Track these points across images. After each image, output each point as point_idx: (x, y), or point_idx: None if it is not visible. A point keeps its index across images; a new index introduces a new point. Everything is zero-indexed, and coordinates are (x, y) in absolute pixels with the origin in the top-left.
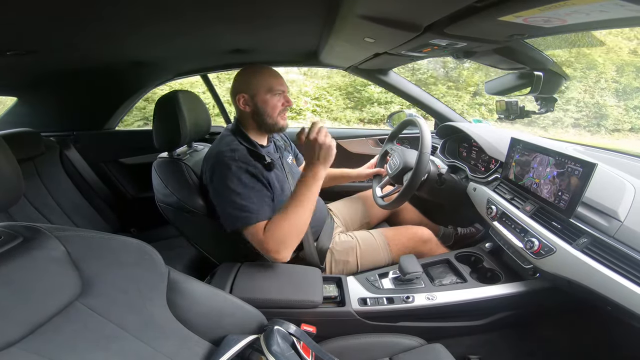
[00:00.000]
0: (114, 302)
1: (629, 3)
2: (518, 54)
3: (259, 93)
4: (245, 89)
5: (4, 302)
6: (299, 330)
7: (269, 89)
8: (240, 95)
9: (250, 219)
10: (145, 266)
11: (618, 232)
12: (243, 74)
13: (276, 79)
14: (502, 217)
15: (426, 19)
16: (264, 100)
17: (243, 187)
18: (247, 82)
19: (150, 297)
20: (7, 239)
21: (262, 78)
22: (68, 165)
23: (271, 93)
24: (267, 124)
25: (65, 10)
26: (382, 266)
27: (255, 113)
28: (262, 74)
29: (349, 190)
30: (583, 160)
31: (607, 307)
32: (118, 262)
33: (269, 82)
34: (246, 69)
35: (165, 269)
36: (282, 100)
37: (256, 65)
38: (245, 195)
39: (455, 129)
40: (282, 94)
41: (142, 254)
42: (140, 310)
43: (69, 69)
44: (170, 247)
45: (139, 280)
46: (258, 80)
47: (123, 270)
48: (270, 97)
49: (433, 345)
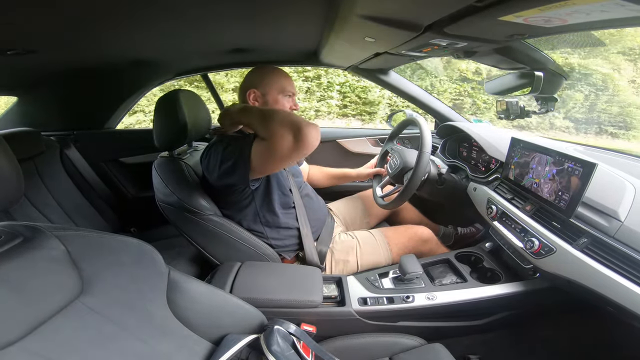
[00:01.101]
0: (114, 302)
1: (630, 3)
2: (518, 53)
3: (271, 92)
4: (258, 85)
5: (3, 301)
6: (299, 330)
7: (282, 89)
8: (252, 91)
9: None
10: (146, 266)
11: (618, 232)
12: (257, 71)
13: (288, 82)
14: (502, 217)
15: (426, 19)
16: (275, 99)
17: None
18: (260, 79)
19: (150, 296)
20: (7, 239)
21: (276, 78)
22: (68, 164)
23: (283, 94)
24: None
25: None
26: (382, 266)
27: None
28: (276, 74)
29: (349, 190)
30: (583, 160)
31: (608, 308)
32: (118, 261)
33: (282, 83)
34: (261, 67)
35: (165, 269)
36: (291, 103)
37: (270, 65)
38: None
39: (455, 129)
40: (292, 96)
41: (142, 253)
42: (140, 310)
43: (69, 69)
44: (171, 246)
45: (139, 280)
46: (272, 79)
47: (123, 270)
48: (281, 97)
49: (433, 345)
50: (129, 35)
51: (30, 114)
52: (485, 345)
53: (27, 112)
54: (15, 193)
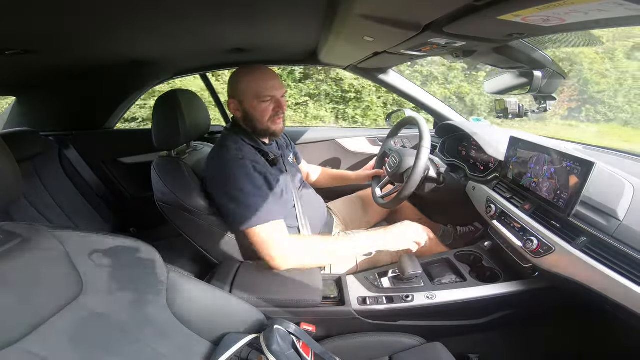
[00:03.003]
0: (113, 302)
1: (628, 2)
2: (517, 53)
3: (246, 99)
4: (234, 94)
5: (3, 301)
6: (298, 329)
7: (256, 94)
8: (231, 101)
9: (259, 218)
10: (145, 266)
11: (617, 231)
12: (233, 79)
13: (265, 83)
14: (502, 216)
15: (425, 18)
16: (252, 106)
17: (252, 187)
18: (235, 87)
19: (149, 296)
20: (6, 239)
21: (248, 84)
22: (67, 164)
23: (258, 99)
24: (259, 130)
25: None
26: (381, 265)
27: (246, 119)
28: (248, 78)
29: (348, 190)
30: (581, 159)
31: (606, 306)
32: (117, 262)
33: (256, 87)
34: (237, 72)
35: (164, 269)
36: (272, 105)
37: (246, 68)
38: (255, 194)
39: (454, 128)
40: (272, 98)
41: (141, 253)
42: (139, 310)
43: (67, 69)
44: (170, 246)
45: (138, 280)
46: (245, 85)
47: (122, 270)
48: (257, 103)
49: (432, 344)
50: (128, 35)
51: (29, 114)
52: (484, 344)
53: (25, 112)
54: (14, 193)
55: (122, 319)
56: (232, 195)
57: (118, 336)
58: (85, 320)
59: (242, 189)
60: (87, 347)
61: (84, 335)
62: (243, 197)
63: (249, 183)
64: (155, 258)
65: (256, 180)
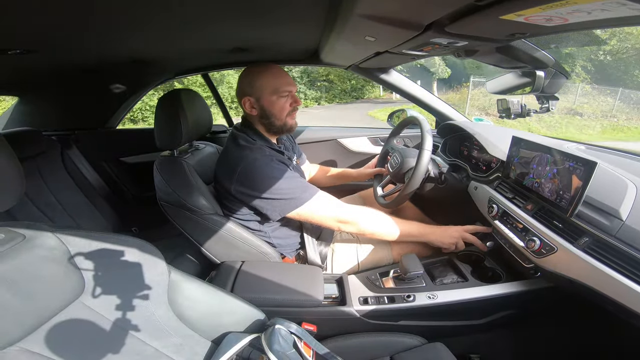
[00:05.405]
0: (115, 301)
1: (631, 2)
2: (520, 52)
3: (264, 95)
4: (250, 92)
5: (4, 301)
6: (300, 329)
7: (274, 90)
8: (246, 99)
9: (309, 194)
10: (146, 265)
11: (620, 232)
12: (246, 76)
13: (282, 79)
14: (504, 216)
15: (427, 18)
16: (270, 102)
17: (286, 174)
18: (251, 84)
19: (151, 296)
20: (8, 238)
21: (266, 79)
22: (69, 164)
23: (277, 95)
24: (276, 126)
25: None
26: (383, 265)
27: (263, 116)
28: (265, 75)
29: (350, 189)
30: (584, 159)
31: (608, 307)
32: (119, 261)
33: (273, 83)
34: (250, 70)
35: (166, 269)
36: (289, 101)
37: (260, 65)
38: (292, 176)
39: (456, 128)
40: (289, 94)
41: (143, 253)
42: (141, 309)
43: (69, 68)
44: (172, 246)
45: (140, 280)
46: (262, 82)
47: (124, 270)
48: (276, 98)
49: (434, 344)
50: (129, 34)
51: (31, 113)
52: (486, 345)
53: (28, 111)
54: (16, 192)
55: (123, 318)
56: (272, 190)
57: (119, 336)
58: (87, 319)
59: (278, 178)
60: (89, 347)
61: (85, 334)
62: (284, 184)
63: (280, 172)
64: (157, 258)
65: (284, 168)
